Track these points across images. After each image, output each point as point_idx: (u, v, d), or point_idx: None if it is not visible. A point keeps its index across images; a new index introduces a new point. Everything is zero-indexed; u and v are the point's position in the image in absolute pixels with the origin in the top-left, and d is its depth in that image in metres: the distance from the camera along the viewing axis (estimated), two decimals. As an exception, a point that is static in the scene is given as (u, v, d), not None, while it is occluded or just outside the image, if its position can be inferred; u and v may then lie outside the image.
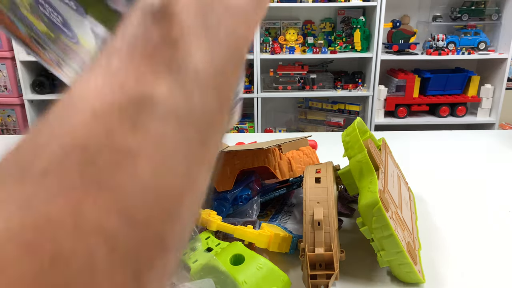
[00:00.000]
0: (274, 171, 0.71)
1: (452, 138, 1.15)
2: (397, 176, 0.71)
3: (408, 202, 0.70)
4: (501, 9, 2.52)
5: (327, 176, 0.61)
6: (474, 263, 0.62)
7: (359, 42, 2.49)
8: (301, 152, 0.78)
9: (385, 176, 0.62)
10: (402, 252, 0.53)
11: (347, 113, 2.68)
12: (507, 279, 0.59)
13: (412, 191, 0.78)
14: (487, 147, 1.08)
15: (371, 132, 0.71)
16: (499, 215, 0.74)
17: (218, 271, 0.52)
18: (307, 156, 0.78)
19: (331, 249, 0.54)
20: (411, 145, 1.11)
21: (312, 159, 0.79)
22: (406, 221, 0.62)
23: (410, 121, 2.60)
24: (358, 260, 0.62)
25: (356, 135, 0.62)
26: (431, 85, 2.56)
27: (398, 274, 0.58)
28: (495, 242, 0.66)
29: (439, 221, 0.72)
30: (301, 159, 0.76)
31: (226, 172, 0.71)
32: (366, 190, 0.56)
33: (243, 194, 0.70)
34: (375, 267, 0.61)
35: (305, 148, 0.81)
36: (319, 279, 0.54)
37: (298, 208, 0.76)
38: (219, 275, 0.52)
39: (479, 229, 0.70)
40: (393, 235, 0.52)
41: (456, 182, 0.87)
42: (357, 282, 0.59)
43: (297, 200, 0.79)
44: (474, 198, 0.80)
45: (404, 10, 2.61)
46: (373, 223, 0.53)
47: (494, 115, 2.58)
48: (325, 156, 0.82)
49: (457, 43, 2.51)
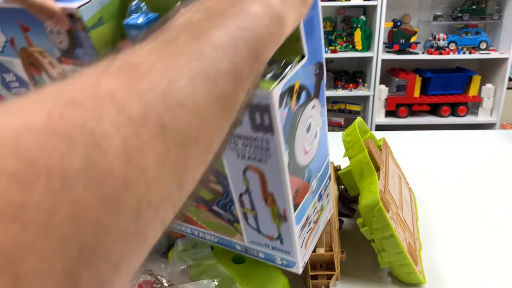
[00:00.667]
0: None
1: (453, 138, 1.15)
2: (398, 176, 0.70)
3: (409, 202, 0.70)
4: (502, 8, 2.51)
5: None
6: (474, 263, 0.62)
7: (360, 41, 2.49)
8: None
9: (385, 176, 0.61)
10: (403, 252, 0.53)
11: (348, 113, 2.67)
12: (508, 279, 0.58)
13: (413, 192, 0.78)
14: (488, 147, 1.08)
15: (371, 132, 0.71)
16: (499, 215, 0.74)
17: (218, 271, 0.52)
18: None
19: (332, 249, 0.54)
20: (412, 145, 1.10)
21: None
22: (407, 221, 0.62)
23: (411, 121, 2.60)
24: (358, 261, 0.62)
25: (357, 135, 0.61)
26: (432, 85, 2.55)
27: (399, 275, 0.57)
28: (495, 242, 0.66)
29: (439, 221, 0.72)
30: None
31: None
32: (366, 191, 0.55)
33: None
34: (376, 268, 0.60)
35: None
36: (319, 279, 0.54)
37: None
38: (219, 275, 0.51)
39: (479, 229, 0.70)
40: (394, 236, 0.52)
41: (456, 182, 0.87)
42: (357, 282, 0.58)
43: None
44: (474, 198, 0.80)
45: (405, 9, 2.61)
46: (374, 223, 0.53)
47: (495, 115, 2.57)
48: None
49: (458, 43, 2.51)
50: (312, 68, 0.39)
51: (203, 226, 0.52)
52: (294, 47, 0.35)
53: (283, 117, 0.35)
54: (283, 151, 0.37)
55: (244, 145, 0.38)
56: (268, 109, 0.34)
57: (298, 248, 0.45)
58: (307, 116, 0.40)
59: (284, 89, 0.34)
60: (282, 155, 0.37)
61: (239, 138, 0.38)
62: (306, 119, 0.40)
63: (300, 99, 0.38)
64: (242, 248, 0.50)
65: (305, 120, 0.40)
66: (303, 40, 0.35)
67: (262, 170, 0.39)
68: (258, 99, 0.33)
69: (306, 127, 0.41)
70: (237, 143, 0.38)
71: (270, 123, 0.34)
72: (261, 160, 0.38)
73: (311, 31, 0.36)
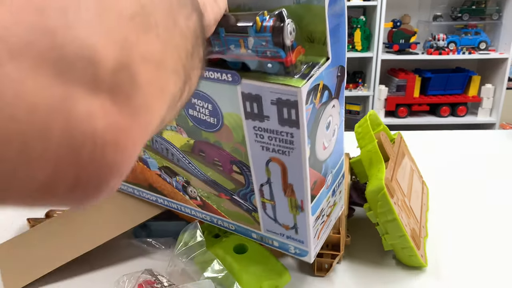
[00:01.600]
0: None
1: (452, 138, 1.15)
2: (411, 168, 0.73)
3: (419, 193, 0.72)
4: (501, 8, 2.52)
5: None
6: (473, 255, 0.63)
7: (360, 41, 2.49)
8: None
9: (395, 166, 0.64)
10: (405, 236, 0.56)
11: (348, 112, 2.68)
12: (506, 275, 0.59)
13: (426, 185, 0.80)
14: (488, 147, 1.08)
15: (385, 125, 0.73)
16: (499, 215, 0.74)
17: (218, 269, 0.52)
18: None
19: (339, 232, 0.58)
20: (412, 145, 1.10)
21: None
22: (414, 210, 0.64)
23: (411, 121, 2.60)
24: (365, 246, 0.65)
25: (367, 126, 0.64)
26: (431, 85, 2.56)
27: (402, 258, 0.60)
28: (495, 242, 0.67)
29: (439, 220, 0.72)
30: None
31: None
32: (374, 178, 0.58)
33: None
34: (381, 253, 0.63)
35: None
36: (324, 257, 0.58)
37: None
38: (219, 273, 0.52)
39: (478, 228, 0.70)
40: (396, 220, 0.55)
41: (456, 182, 0.87)
42: (363, 264, 0.61)
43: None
44: (474, 198, 0.80)
45: (404, 9, 2.61)
46: (378, 208, 0.56)
47: (494, 115, 2.57)
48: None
49: (458, 43, 2.51)
50: (335, 70, 0.41)
51: (223, 214, 0.54)
52: (320, 50, 0.38)
53: (308, 113, 0.38)
54: (306, 144, 0.39)
55: (269, 138, 0.41)
56: (296, 105, 0.36)
57: (311, 238, 0.48)
58: (327, 114, 0.43)
59: (310, 87, 0.37)
60: (305, 148, 0.39)
61: (265, 131, 0.40)
62: (327, 117, 0.43)
63: (323, 97, 0.40)
64: (258, 237, 0.53)
65: (326, 118, 0.42)
66: (329, 44, 0.38)
67: (284, 162, 0.42)
68: (287, 95, 0.36)
69: (326, 124, 0.43)
70: (263, 136, 0.41)
71: (297, 117, 0.37)
72: (285, 152, 0.41)
73: (337, 36, 0.39)
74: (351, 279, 0.58)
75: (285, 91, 0.36)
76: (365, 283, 0.57)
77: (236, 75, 0.39)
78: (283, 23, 0.34)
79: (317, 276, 0.58)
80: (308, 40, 0.38)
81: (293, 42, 0.36)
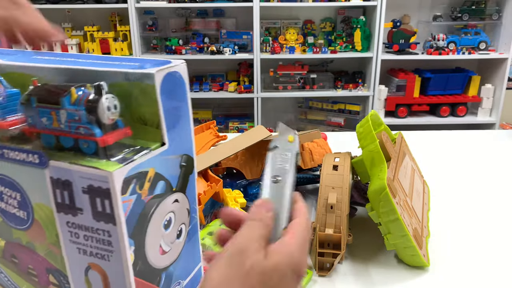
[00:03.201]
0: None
1: (452, 138, 1.15)
2: (412, 168, 0.73)
3: (420, 193, 0.72)
4: (501, 8, 2.52)
5: (344, 165, 0.64)
6: (472, 254, 0.64)
7: (360, 41, 2.49)
8: (315, 143, 0.83)
9: (396, 166, 0.64)
10: (407, 235, 0.56)
11: (348, 113, 2.68)
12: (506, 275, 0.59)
13: (427, 185, 0.80)
14: (488, 147, 1.08)
15: (386, 125, 0.73)
16: (499, 215, 0.74)
17: None
18: (321, 147, 0.82)
19: (340, 231, 0.58)
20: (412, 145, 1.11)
21: (325, 150, 0.83)
22: (416, 209, 0.64)
23: (411, 121, 2.60)
24: (367, 246, 0.65)
25: (369, 126, 0.64)
26: (431, 85, 2.56)
27: (404, 257, 0.60)
28: (496, 241, 0.67)
29: (440, 219, 0.73)
30: (316, 150, 0.81)
31: (255, 162, 0.79)
32: (376, 178, 0.58)
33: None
34: (383, 252, 0.63)
35: (318, 140, 0.85)
36: (326, 257, 0.58)
37: (313, 193, 0.83)
38: None
39: (479, 228, 0.70)
40: (398, 219, 0.55)
41: (456, 182, 0.87)
42: (364, 263, 0.61)
43: (312, 186, 0.87)
44: (474, 198, 0.80)
45: (404, 9, 2.61)
46: (380, 207, 0.56)
47: (494, 115, 2.58)
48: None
49: (458, 43, 2.51)
50: (176, 159, 0.36)
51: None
52: (154, 134, 0.33)
53: (128, 205, 0.31)
54: (127, 246, 0.32)
55: (85, 237, 0.33)
56: (109, 194, 0.30)
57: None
58: (165, 210, 0.36)
59: (130, 174, 0.31)
60: (125, 251, 0.32)
61: (79, 229, 0.33)
62: (164, 213, 0.36)
63: (156, 189, 0.34)
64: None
65: (162, 214, 0.35)
66: (164, 128, 0.33)
67: (105, 270, 0.33)
68: (99, 182, 0.30)
69: (164, 222, 0.36)
70: (78, 235, 0.33)
71: (111, 211, 0.30)
72: (104, 256, 0.33)
73: (176, 121, 0.35)
74: (353, 278, 0.58)
75: (95, 176, 0.30)
76: (367, 283, 0.57)
77: (43, 156, 0.31)
78: (100, 96, 0.30)
79: (319, 276, 0.58)
80: (141, 122, 0.33)
81: (118, 121, 0.31)
